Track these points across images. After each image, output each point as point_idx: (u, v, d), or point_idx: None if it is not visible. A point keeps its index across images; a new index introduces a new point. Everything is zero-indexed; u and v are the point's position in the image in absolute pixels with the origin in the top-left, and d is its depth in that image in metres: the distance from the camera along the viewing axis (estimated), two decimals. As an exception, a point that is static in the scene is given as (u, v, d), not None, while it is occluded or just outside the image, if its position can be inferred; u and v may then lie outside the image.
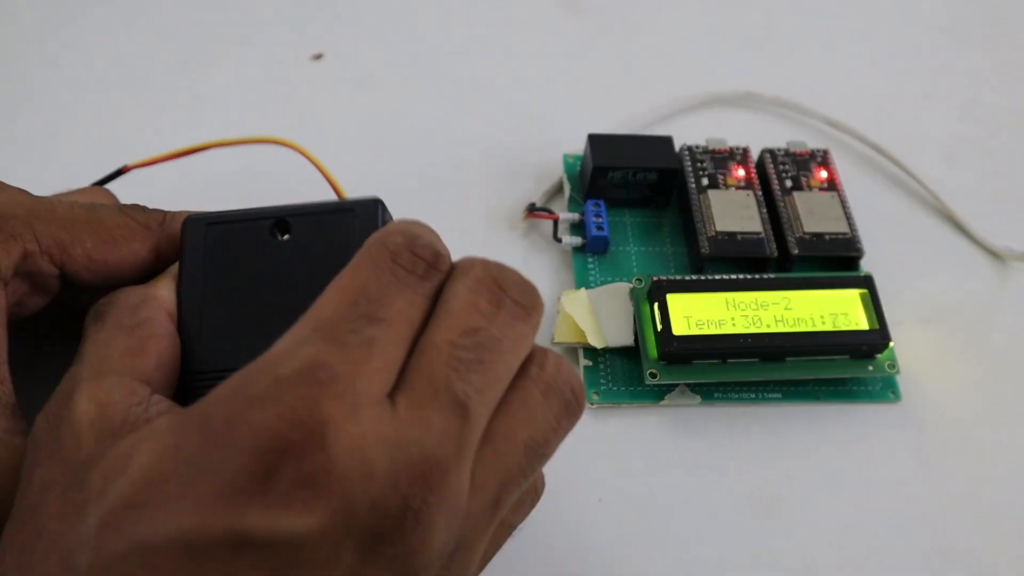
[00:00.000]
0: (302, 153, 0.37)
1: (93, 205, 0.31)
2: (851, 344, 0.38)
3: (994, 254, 0.45)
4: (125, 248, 0.30)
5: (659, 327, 0.37)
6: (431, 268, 0.25)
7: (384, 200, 0.30)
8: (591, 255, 0.42)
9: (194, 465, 0.22)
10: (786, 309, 0.38)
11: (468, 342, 0.24)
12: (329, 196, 0.36)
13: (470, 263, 0.26)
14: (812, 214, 0.42)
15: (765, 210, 0.42)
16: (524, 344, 0.25)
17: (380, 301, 0.24)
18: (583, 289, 0.39)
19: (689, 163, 0.43)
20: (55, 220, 0.30)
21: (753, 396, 0.38)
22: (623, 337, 0.38)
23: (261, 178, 0.45)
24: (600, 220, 0.41)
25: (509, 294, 0.25)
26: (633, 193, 0.43)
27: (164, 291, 0.29)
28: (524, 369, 0.25)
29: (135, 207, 0.32)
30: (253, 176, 0.45)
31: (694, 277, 0.39)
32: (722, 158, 0.43)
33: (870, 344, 0.38)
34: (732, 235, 0.41)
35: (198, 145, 0.37)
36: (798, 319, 0.38)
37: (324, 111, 0.47)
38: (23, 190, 0.31)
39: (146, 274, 0.31)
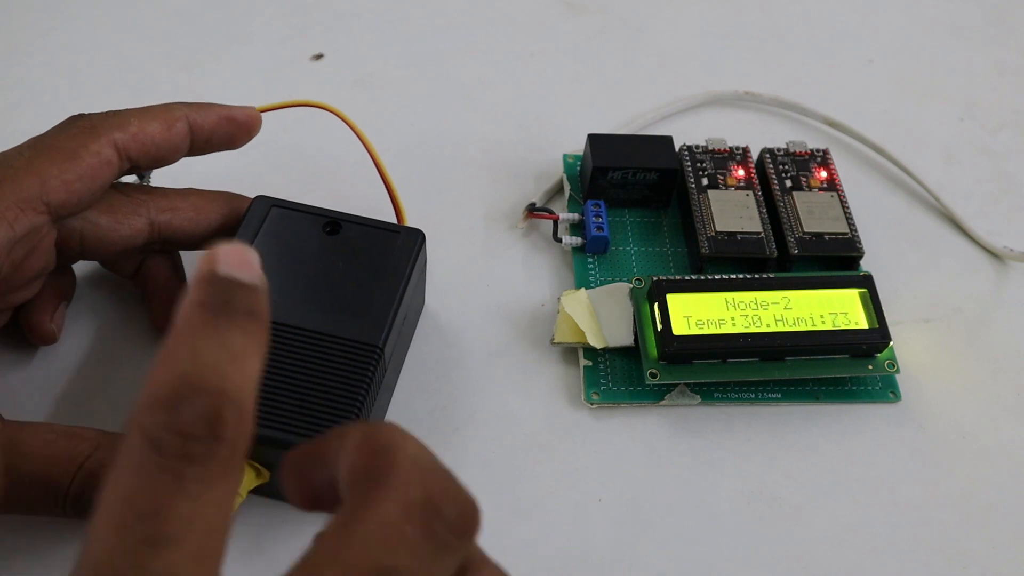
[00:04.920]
0: (338, 115, 0.38)
1: (35, 138, 0.33)
2: (851, 343, 0.38)
3: (994, 254, 0.45)
4: (85, 154, 0.32)
5: (659, 327, 0.37)
6: (212, 440, 0.18)
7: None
8: (591, 255, 0.42)
9: None
10: (786, 309, 0.38)
11: None
12: (359, 158, 0.38)
13: (406, 475, 0.19)
14: (812, 214, 0.42)
15: (765, 210, 0.42)
16: (452, 569, 0.20)
17: (156, 514, 0.18)
18: (583, 289, 0.39)
19: (689, 163, 0.43)
20: (17, 176, 0.31)
21: (753, 396, 0.38)
22: (623, 337, 0.38)
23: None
24: (600, 220, 0.41)
25: (445, 517, 0.19)
26: (633, 193, 0.43)
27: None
28: None
29: (69, 119, 0.34)
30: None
31: (694, 277, 0.39)
32: (722, 158, 0.43)
33: (870, 343, 0.38)
34: (732, 235, 0.41)
35: None
36: (798, 319, 0.38)
37: (324, 111, 0.47)
38: None
39: (117, 171, 0.33)
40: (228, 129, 0.36)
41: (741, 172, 0.43)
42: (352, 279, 0.34)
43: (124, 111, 0.34)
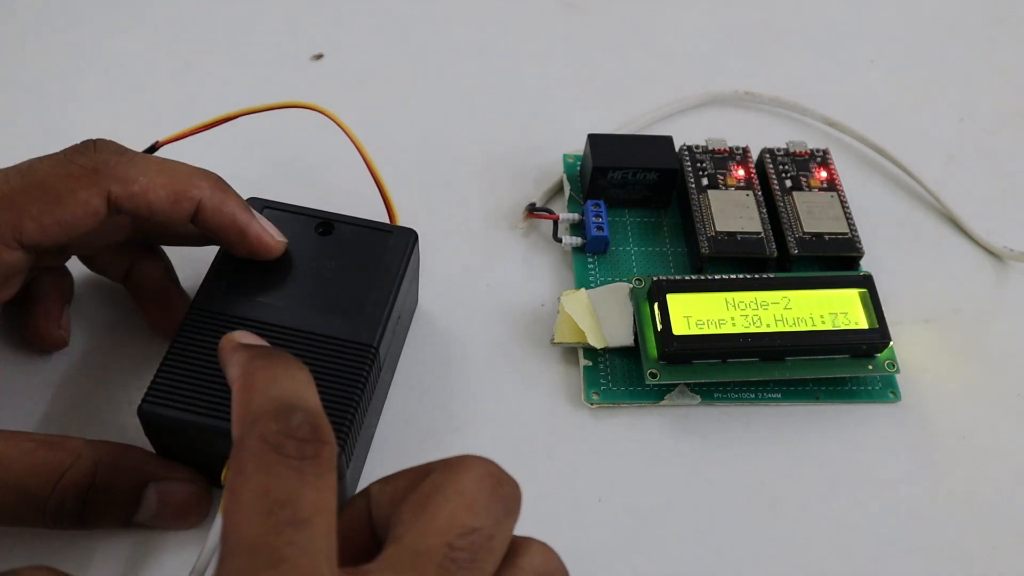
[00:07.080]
0: (328, 116, 0.38)
1: (29, 165, 0.31)
2: (851, 343, 0.38)
3: (994, 254, 0.45)
4: (72, 201, 0.30)
5: (659, 327, 0.37)
6: (317, 443, 0.23)
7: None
8: (591, 255, 0.42)
9: None
10: (786, 309, 0.38)
11: (464, 543, 0.23)
12: (354, 159, 0.38)
13: (471, 460, 0.25)
14: (812, 214, 0.42)
15: (765, 210, 0.42)
16: (509, 537, 0.24)
17: (293, 502, 0.21)
18: (583, 289, 0.39)
19: (689, 163, 0.43)
20: None
21: (753, 396, 0.38)
22: (623, 337, 0.38)
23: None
24: (600, 220, 0.41)
25: (505, 490, 0.24)
26: (633, 193, 0.43)
27: None
28: (511, 559, 0.24)
29: (79, 148, 0.31)
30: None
31: (694, 277, 0.39)
32: (722, 158, 0.43)
33: (870, 343, 0.38)
34: (732, 235, 0.41)
35: (228, 114, 0.38)
36: (798, 318, 0.38)
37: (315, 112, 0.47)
38: None
39: (102, 223, 0.31)
40: (234, 239, 0.33)
41: (741, 172, 0.43)
42: (345, 279, 0.34)
43: (144, 159, 0.31)
